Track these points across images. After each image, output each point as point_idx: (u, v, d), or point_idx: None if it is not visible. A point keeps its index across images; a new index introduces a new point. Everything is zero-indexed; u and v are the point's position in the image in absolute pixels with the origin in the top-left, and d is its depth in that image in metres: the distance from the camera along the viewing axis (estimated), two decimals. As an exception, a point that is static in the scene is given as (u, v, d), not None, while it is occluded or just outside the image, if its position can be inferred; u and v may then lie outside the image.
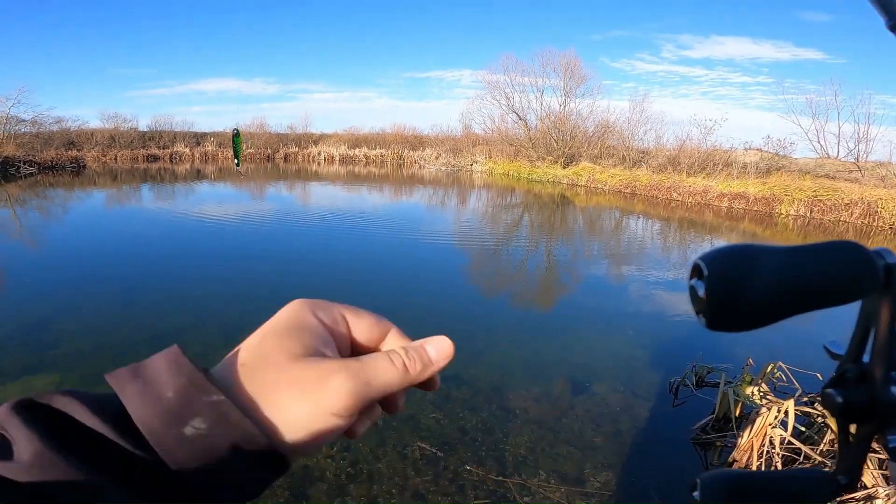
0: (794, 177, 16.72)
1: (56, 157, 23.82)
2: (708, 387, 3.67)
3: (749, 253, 0.25)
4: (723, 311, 0.25)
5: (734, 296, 0.25)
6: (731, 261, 0.25)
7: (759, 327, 0.26)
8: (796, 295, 0.25)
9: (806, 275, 0.25)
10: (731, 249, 0.26)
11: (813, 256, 0.26)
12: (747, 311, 0.25)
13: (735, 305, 0.25)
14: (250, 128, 35.10)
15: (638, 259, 8.72)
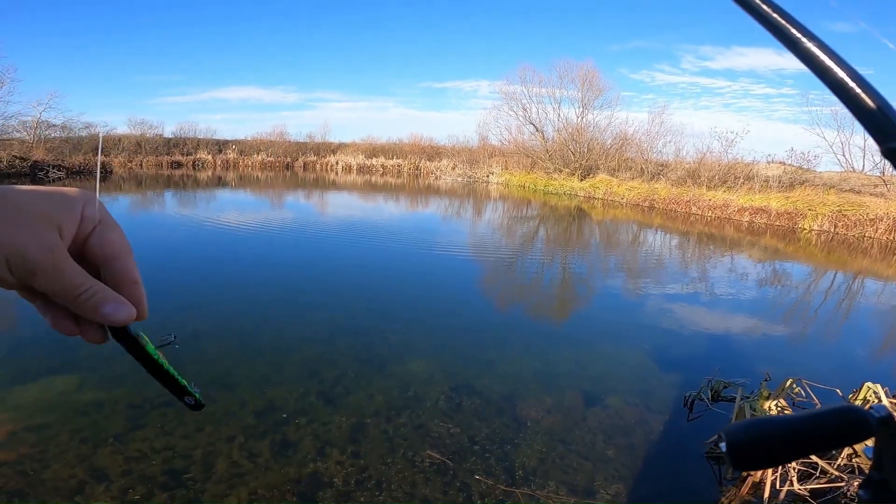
0: (817, 191, 16.42)
1: (84, 162, 24.46)
2: (724, 401, 3.60)
3: (760, 427, 0.36)
4: (741, 464, 0.37)
5: (748, 456, 0.36)
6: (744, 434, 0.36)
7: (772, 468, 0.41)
8: (798, 450, 0.36)
9: (805, 438, 0.36)
10: (745, 425, 0.37)
11: (813, 425, 0.36)
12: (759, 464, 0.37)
13: (749, 461, 0.36)
14: (270, 136, 35.69)
15: (655, 273, 8.63)
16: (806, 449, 0.36)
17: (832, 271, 9.88)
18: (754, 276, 8.76)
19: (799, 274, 9.45)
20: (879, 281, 9.17)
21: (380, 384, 3.73)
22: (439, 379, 3.87)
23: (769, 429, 0.36)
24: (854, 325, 6.44)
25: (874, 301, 7.82)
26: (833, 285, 8.72)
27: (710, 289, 7.56)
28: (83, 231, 0.37)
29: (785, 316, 6.46)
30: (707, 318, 6.01)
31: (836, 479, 2.55)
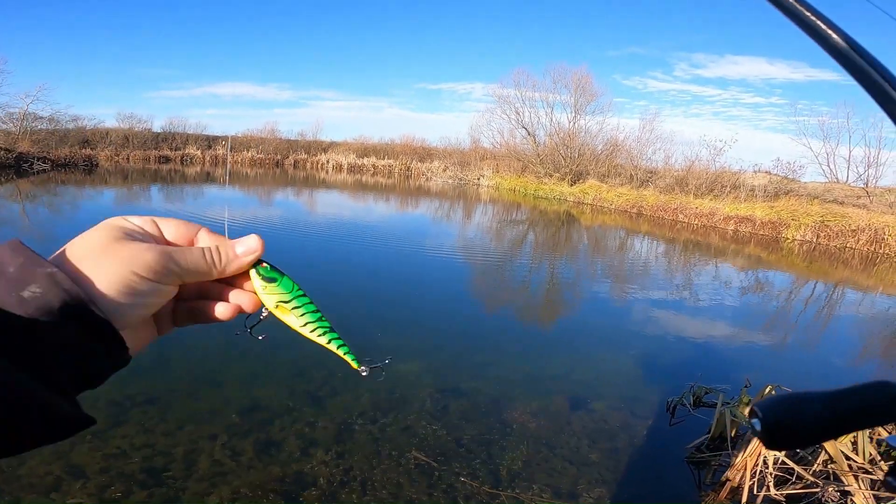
0: (801, 201, 16.71)
1: (69, 155, 24.08)
2: (705, 407, 3.66)
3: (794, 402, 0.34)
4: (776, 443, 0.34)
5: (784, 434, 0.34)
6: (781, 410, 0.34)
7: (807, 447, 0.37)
8: (835, 429, 0.34)
9: (842, 415, 0.33)
10: (780, 399, 0.34)
11: (848, 400, 0.34)
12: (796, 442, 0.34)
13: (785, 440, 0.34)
14: (262, 133, 35.44)
15: (641, 280, 8.72)
16: (845, 426, 0.33)
17: (813, 281, 10.05)
18: (737, 284, 8.89)
19: (781, 283, 9.60)
20: (859, 291, 9.36)
21: (367, 385, 3.73)
22: (427, 381, 3.88)
23: (808, 405, 0.33)
24: (833, 334, 6.56)
25: (853, 311, 7.98)
26: (813, 295, 8.88)
27: (695, 296, 7.66)
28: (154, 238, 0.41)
29: (766, 324, 6.57)
30: (691, 325, 6.08)
31: (811, 484, 2.61)
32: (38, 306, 0.32)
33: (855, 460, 2.55)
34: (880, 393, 0.33)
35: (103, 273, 0.35)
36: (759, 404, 0.34)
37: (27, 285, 0.32)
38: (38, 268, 0.33)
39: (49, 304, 0.32)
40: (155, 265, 0.37)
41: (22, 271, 0.33)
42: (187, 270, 0.39)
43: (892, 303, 8.68)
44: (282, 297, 0.42)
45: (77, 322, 0.33)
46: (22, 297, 0.32)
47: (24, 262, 0.33)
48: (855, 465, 2.54)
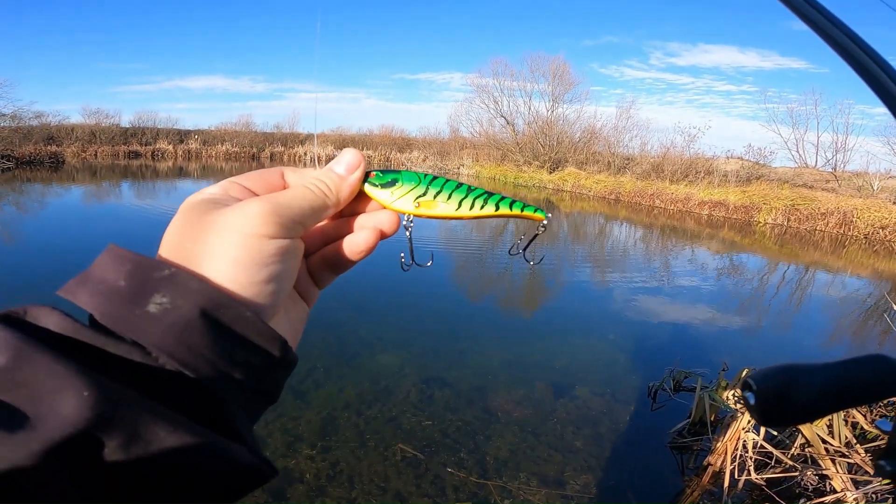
0: (772, 186, 17.09)
1: (34, 152, 23.29)
2: (685, 391, 3.73)
3: (790, 373, 0.31)
4: (771, 418, 0.32)
5: (779, 407, 0.31)
6: (777, 381, 0.31)
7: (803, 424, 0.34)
8: (833, 403, 0.31)
9: (839, 389, 0.31)
10: (777, 370, 0.32)
11: (847, 372, 0.31)
12: (791, 417, 0.32)
13: (781, 414, 0.31)
14: (236, 126, 34.73)
15: (621, 265, 8.83)
16: (842, 401, 0.32)
17: (785, 263, 10.32)
18: (713, 268, 9.08)
19: (754, 266, 9.83)
20: (829, 273, 9.64)
21: (350, 377, 3.71)
22: (410, 372, 3.87)
23: (805, 377, 0.31)
24: (806, 316, 6.76)
25: (824, 292, 8.22)
26: (786, 277, 9.12)
27: (672, 280, 7.79)
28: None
29: (741, 307, 6.73)
30: (669, 309, 6.19)
31: (790, 468, 2.68)
32: (173, 320, 0.25)
33: (831, 444, 2.63)
34: (877, 367, 0.31)
35: (218, 251, 0.28)
36: (753, 376, 0.32)
37: (150, 297, 0.26)
38: (153, 272, 0.26)
39: (185, 316, 0.25)
40: (267, 216, 0.29)
41: (136, 281, 0.26)
42: (302, 211, 0.31)
43: (861, 284, 8.97)
44: (414, 192, 0.37)
45: (223, 330, 0.26)
46: (148, 313, 0.25)
47: (134, 269, 0.26)
48: (832, 448, 2.62)
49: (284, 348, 0.29)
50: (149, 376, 0.25)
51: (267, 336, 0.28)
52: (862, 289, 8.58)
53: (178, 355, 0.25)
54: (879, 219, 13.29)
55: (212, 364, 0.26)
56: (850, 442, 2.64)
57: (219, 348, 0.26)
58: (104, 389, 0.22)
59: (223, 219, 0.29)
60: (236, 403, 0.28)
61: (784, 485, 2.67)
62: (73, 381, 0.22)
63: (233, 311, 0.27)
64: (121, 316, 0.25)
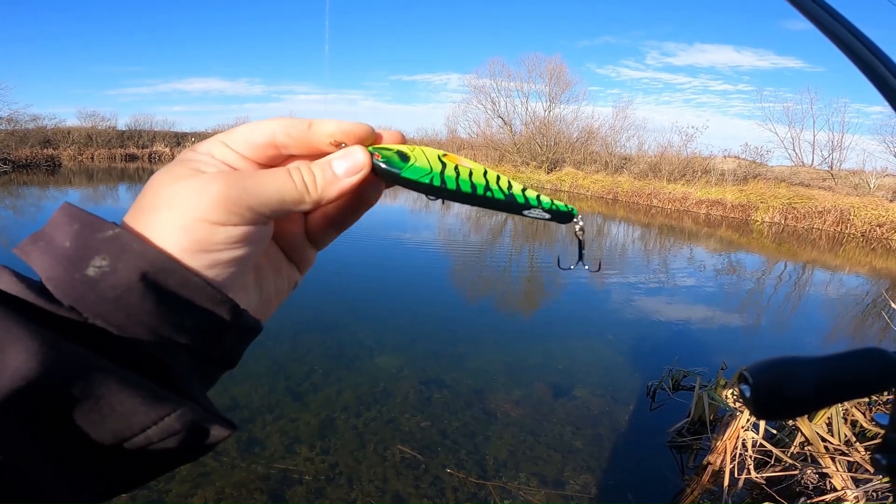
0: (769, 184, 17.12)
1: (31, 156, 23.23)
2: (684, 390, 3.74)
3: (785, 365, 0.31)
4: (766, 410, 0.31)
5: (775, 401, 0.30)
6: (772, 373, 0.31)
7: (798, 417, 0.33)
8: (828, 396, 0.31)
9: (834, 381, 0.31)
10: (772, 363, 0.31)
11: (840, 365, 0.31)
12: (786, 410, 0.31)
13: (777, 407, 0.31)
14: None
15: (619, 265, 8.83)
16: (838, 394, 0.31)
17: (783, 262, 10.34)
18: (711, 267, 9.09)
19: (752, 264, 9.85)
20: (827, 271, 9.66)
21: (349, 379, 3.70)
22: (409, 373, 3.86)
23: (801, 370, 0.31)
24: (804, 314, 6.77)
25: (822, 290, 8.23)
26: (784, 275, 9.13)
27: (671, 280, 7.80)
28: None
29: (740, 305, 6.73)
30: (667, 309, 6.20)
31: (790, 467, 2.68)
32: (111, 284, 0.24)
33: (831, 442, 2.62)
34: (872, 360, 0.31)
35: (167, 227, 0.26)
36: (750, 368, 0.31)
37: (90, 259, 0.24)
38: (96, 233, 0.25)
39: (124, 280, 0.24)
40: (222, 202, 0.26)
41: (80, 242, 0.25)
42: (269, 203, 0.27)
43: (859, 281, 8.98)
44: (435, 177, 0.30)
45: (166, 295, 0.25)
46: (87, 276, 0.24)
47: (80, 229, 0.25)
48: (831, 446, 2.62)
49: (235, 312, 0.27)
50: (90, 338, 0.24)
51: (214, 300, 0.26)
52: (860, 286, 8.59)
53: (116, 321, 0.24)
54: (876, 216, 13.33)
55: (152, 329, 0.25)
56: (850, 440, 2.64)
57: (160, 314, 0.25)
58: (52, 344, 0.22)
59: (179, 194, 0.26)
60: (185, 367, 0.27)
61: (784, 483, 2.67)
62: (20, 335, 0.22)
63: (178, 276, 0.25)
64: (62, 279, 0.24)
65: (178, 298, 0.25)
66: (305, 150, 0.30)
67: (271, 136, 0.29)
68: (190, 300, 0.26)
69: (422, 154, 0.31)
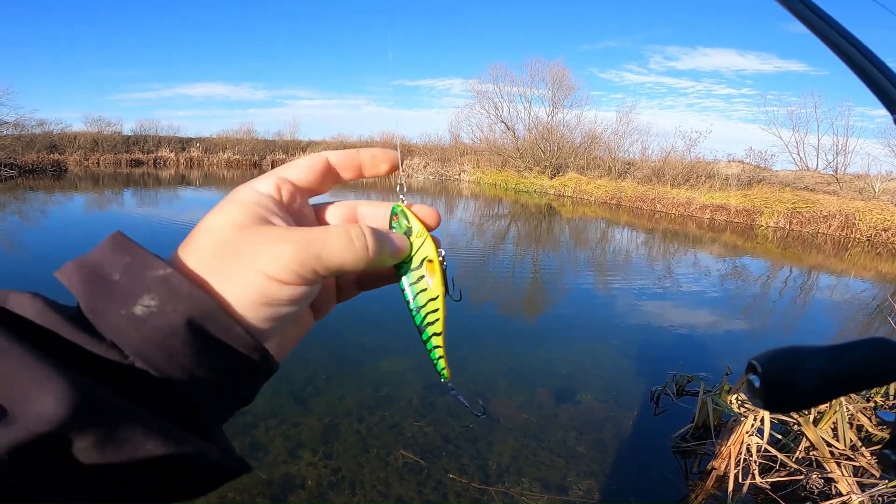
0: (774, 189, 17.07)
1: (37, 161, 23.42)
2: (688, 395, 3.72)
3: (794, 355, 0.31)
4: (776, 401, 0.31)
5: (785, 390, 0.30)
6: (781, 363, 0.31)
7: (807, 408, 0.33)
8: (837, 385, 0.31)
9: (843, 371, 0.30)
10: (781, 353, 0.31)
11: (849, 355, 0.31)
12: (797, 401, 0.31)
13: (787, 397, 0.30)
14: (237, 133, 34.90)
15: (623, 270, 8.82)
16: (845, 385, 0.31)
17: (788, 267, 10.29)
18: (715, 271, 9.06)
19: (757, 269, 9.81)
20: (832, 276, 9.61)
21: (352, 384, 3.70)
22: (412, 378, 3.86)
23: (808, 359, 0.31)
24: (809, 319, 6.73)
25: (827, 295, 8.19)
26: (789, 280, 9.10)
27: (674, 285, 7.78)
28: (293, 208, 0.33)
29: (744, 310, 6.70)
30: (671, 314, 6.18)
31: (795, 472, 2.66)
32: (157, 326, 0.24)
33: (836, 447, 2.61)
34: (878, 349, 0.31)
35: (236, 281, 0.26)
36: (759, 358, 0.31)
37: (138, 297, 0.24)
38: (147, 271, 0.25)
39: (169, 322, 0.24)
40: (293, 264, 0.27)
41: (130, 277, 0.25)
42: (333, 267, 0.29)
43: (864, 286, 8.93)
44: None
45: (209, 341, 0.26)
46: (133, 315, 0.24)
47: (131, 263, 0.25)
48: (837, 451, 2.60)
49: (265, 357, 0.28)
50: (124, 376, 0.24)
51: (250, 347, 0.27)
52: (865, 291, 8.55)
53: (156, 361, 0.25)
54: (882, 221, 13.27)
55: (189, 372, 0.25)
56: (856, 445, 2.62)
57: (199, 357, 0.25)
58: (81, 387, 0.22)
59: (249, 246, 0.27)
60: (210, 406, 0.27)
61: (789, 488, 2.65)
62: (50, 378, 0.22)
63: (221, 323, 0.26)
64: (105, 313, 0.24)
65: (218, 344, 0.26)
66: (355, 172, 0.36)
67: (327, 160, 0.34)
68: (228, 346, 0.26)
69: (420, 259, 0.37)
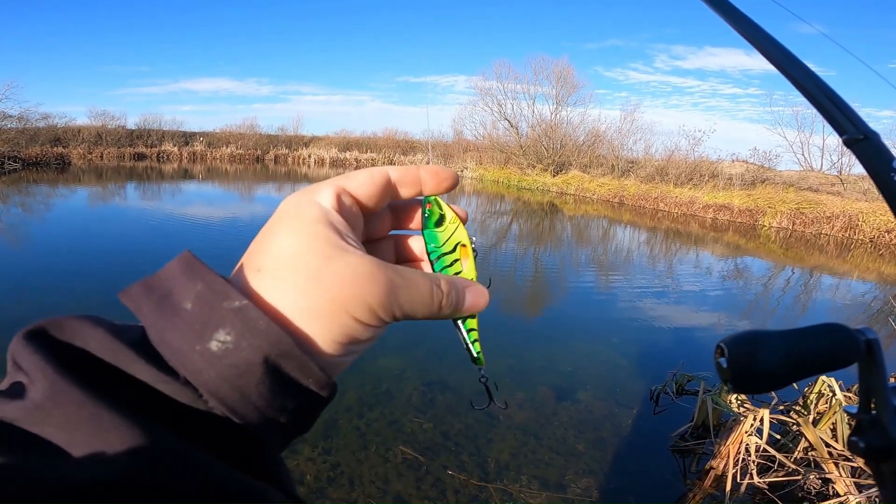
0: (777, 189, 17.01)
1: (41, 154, 23.46)
2: (688, 395, 3.72)
3: (757, 338, 0.33)
4: (742, 381, 0.32)
5: (749, 371, 0.32)
6: (745, 345, 0.33)
7: (774, 390, 0.34)
8: (796, 367, 0.32)
9: (801, 353, 0.32)
10: (744, 335, 0.33)
11: (806, 339, 0.33)
12: (761, 381, 0.32)
13: (751, 377, 0.32)
14: (241, 128, 34.90)
15: (624, 269, 8.81)
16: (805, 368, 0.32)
17: (790, 267, 10.27)
18: (717, 271, 9.04)
19: (759, 270, 9.79)
20: (834, 277, 9.58)
21: (352, 380, 3.71)
22: (412, 375, 3.87)
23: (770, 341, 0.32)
24: (810, 320, 6.69)
25: (829, 296, 8.17)
26: (791, 281, 9.08)
27: (676, 284, 7.77)
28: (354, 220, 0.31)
29: (746, 311, 6.69)
30: (672, 313, 6.17)
31: (793, 472, 2.67)
32: (233, 363, 0.23)
33: (834, 447, 2.61)
34: (833, 334, 0.33)
35: (311, 314, 0.25)
36: (725, 340, 0.33)
37: (213, 331, 0.23)
38: (222, 301, 0.23)
39: (244, 359, 0.23)
40: (379, 310, 0.26)
41: (204, 308, 0.23)
42: (410, 313, 0.28)
43: (867, 287, 8.91)
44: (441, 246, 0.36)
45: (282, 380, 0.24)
46: (209, 351, 0.23)
47: (205, 291, 0.24)
48: (835, 452, 2.60)
49: (333, 391, 0.27)
50: (196, 418, 0.23)
51: (322, 384, 0.25)
52: (867, 293, 8.52)
53: (229, 401, 0.23)
54: (885, 222, 13.21)
55: (261, 412, 0.24)
56: (854, 446, 2.62)
57: (272, 397, 0.24)
58: (148, 437, 0.21)
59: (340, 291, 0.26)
60: (276, 444, 0.26)
61: (787, 488, 2.66)
62: (115, 427, 0.20)
63: (296, 362, 0.24)
64: (181, 349, 0.23)
65: (291, 383, 0.24)
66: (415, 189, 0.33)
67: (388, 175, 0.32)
68: (300, 384, 0.25)
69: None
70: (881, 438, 0.33)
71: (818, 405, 2.97)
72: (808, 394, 3.10)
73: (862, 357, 0.33)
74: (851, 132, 0.38)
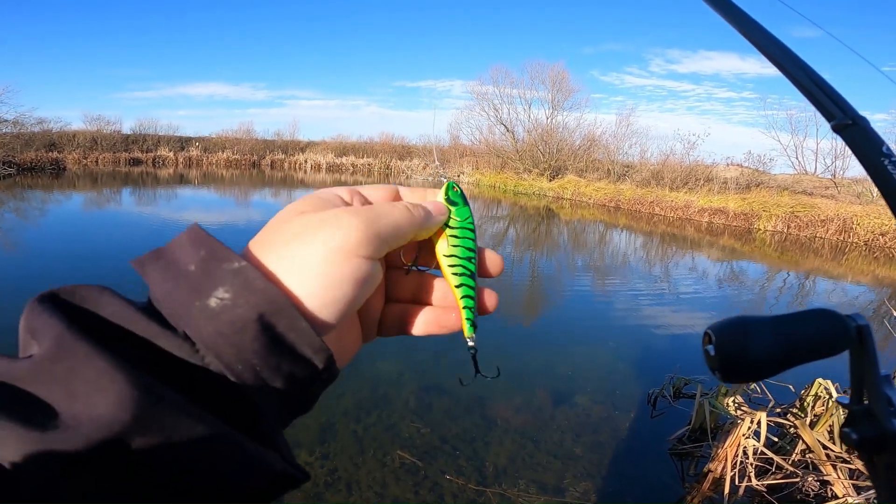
0: (772, 193, 17.10)
1: (36, 159, 23.38)
2: (685, 398, 3.72)
3: (746, 324, 0.32)
4: (730, 369, 0.32)
5: (737, 358, 0.31)
6: (733, 331, 0.32)
7: (762, 379, 0.33)
8: (785, 355, 0.32)
9: (791, 340, 0.32)
10: (732, 321, 0.33)
11: (796, 324, 0.32)
12: (749, 368, 0.32)
13: (739, 365, 0.32)
14: (237, 133, 34.86)
15: (621, 272, 8.83)
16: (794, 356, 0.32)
17: (786, 271, 10.31)
18: (713, 275, 9.07)
19: (754, 273, 9.83)
20: (829, 280, 9.63)
21: (349, 385, 3.70)
22: (409, 379, 3.86)
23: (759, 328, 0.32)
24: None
25: (824, 299, 8.20)
26: (786, 284, 9.11)
27: (672, 288, 7.79)
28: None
29: (742, 314, 6.69)
30: (669, 317, 6.18)
31: (791, 474, 2.67)
32: (230, 319, 0.24)
33: (832, 450, 2.61)
34: (826, 320, 0.32)
35: (303, 261, 0.26)
36: (712, 327, 0.33)
37: (213, 289, 0.24)
38: (222, 263, 0.25)
39: (242, 314, 0.24)
40: (365, 235, 0.28)
41: (205, 269, 0.25)
42: (392, 231, 0.30)
43: (861, 290, 8.95)
44: (451, 221, 0.38)
45: (276, 338, 0.25)
46: (208, 307, 0.24)
47: (207, 256, 0.25)
48: (833, 454, 2.60)
49: (328, 360, 0.27)
50: (190, 372, 0.24)
51: (315, 347, 0.26)
52: (862, 295, 8.56)
53: (226, 357, 0.24)
54: (879, 225, 13.30)
55: (256, 371, 0.25)
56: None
57: (266, 355, 0.25)
58: (145, 389, 0.22)
59: (313, 227, 0.28)
60: (271, 410, 0.27)
61: (785, 491, 2.66)
62: (114, 379, 0.21)
63: (289, 320, 0.25)
64: (181, 304, 0.24)
65: (284, 342, 0.25)
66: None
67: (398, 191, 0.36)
68: (293, 345, 0.26)
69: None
70: (874, 429, 0.32)
71: (815, 407, 2.98)
72: (804, 396, 3.11)
73: (853, 343, 0.32)
74: (840, 117, 0.37)
